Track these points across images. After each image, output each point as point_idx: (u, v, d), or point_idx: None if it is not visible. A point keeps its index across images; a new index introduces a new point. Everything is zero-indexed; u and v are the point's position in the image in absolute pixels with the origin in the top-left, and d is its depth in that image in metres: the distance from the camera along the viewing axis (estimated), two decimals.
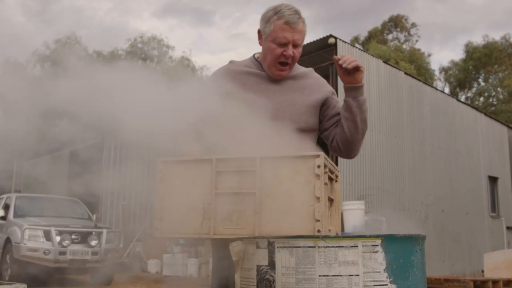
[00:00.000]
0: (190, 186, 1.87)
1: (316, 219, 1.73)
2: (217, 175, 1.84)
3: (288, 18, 2.27)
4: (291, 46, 2.31)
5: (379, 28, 40.36)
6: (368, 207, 9.31)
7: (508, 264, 9.13)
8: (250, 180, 1.81)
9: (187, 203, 1.86)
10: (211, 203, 1.83)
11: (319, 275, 1.53)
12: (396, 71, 12.79)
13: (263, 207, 1.78)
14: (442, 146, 13.67)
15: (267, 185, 1.79)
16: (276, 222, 1.76)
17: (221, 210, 1.83)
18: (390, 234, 1.58)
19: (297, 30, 2.30)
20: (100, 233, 9.91)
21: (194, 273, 12.57)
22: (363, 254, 1.53)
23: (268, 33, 2.33)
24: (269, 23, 2.32)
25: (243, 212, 1.80)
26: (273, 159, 1.81)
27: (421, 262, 1.66)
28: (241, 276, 1.68)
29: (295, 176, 1.78)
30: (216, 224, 1.82)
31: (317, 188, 1.75)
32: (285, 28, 2.28)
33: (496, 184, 16.14)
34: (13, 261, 9.37)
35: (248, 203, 1.80)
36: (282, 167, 1.80)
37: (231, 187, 1.83)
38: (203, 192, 1.85)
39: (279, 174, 1.79)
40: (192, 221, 1.85)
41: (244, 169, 1.82)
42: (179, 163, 1.92)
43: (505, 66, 36.50)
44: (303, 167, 1.78)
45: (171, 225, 1.88)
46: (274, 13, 2.31)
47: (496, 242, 14.91)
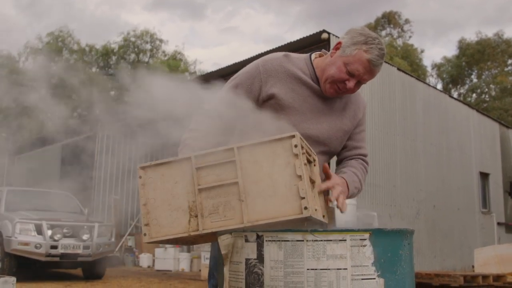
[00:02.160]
0: (172, 187, 1.87)
1: (301, 197, 1.73)
2: (197, 172, 1.84)
3: (373, 58, 2.15)
4: (356, 80, 2.20)
5: (373, 24, 40.42)
6: (360, 203, 9.34)
7: (498, 259, 9.20)
8: (231, 170, 1.81)
9: (172, 204, 1.86)
10: (195, 200, 1.83)
11: (307, 268, 1.53)
12: (388, 67, 12.82)
13: (247, 195, 1.78)
14: (434, 142, 13.73)
15: (248, 173, 1.79)
16: (263, 207, 1.76)
17: (206, 205, 1.83)
18: (378, 228, 1.59)
19: (373, 72, 2.20)
20: (91, 227, 9.89)
21: (186, 268, 12.59)
22: (351, 248, 1.54)
23: (347, 55, 2.19)
24: (354, 48, 2.17)
25: (229, 203, 1.80)
26: (251, 147, 1.81)
27: (409, 256, 1.67)
28: (229, 270, 1.69)
29: (274, 160, 1.78)
30: (203, 219, 1.82)
31: (298, 167, 1.75)
32: (365, 64, 2.16)
33: (487, 180, 16.23)
34: (4, 254, 9.34)
35: (232, 193, 1.80)
36: (260, 153, 1.80)
37: (213, 180, 1.83)
38: (187, 191, 1.85)
39: (259, 160, 1.79)
40: (179, 221, 1.84)
41: (223, 160, 1.82)
42: (159, 166, 1.91)
43: (498, 62, 36.67)
44: (280, 149, 1.78)
45: (159, 229, 1.87)
46: (364, 42, 2.17)
47: (487, 238, 15.01)
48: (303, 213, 1.71)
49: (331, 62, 2.24)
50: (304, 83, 2.26)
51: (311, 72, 2.29)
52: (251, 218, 1.76)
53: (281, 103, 2.21)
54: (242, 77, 2.29)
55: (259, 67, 2.27)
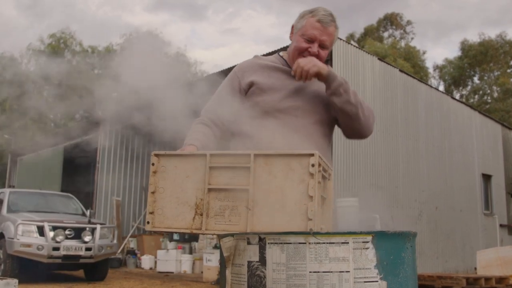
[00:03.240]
0: (183, 181, 1.85)
1: (308, 218, 1.73)
2: (210, 171, 1.83)
3: (321, 17, 2.35)
4: (317, 44, 2.36)
5: (375, 26, 40.41)
6: (362, 204, 9.33)
7: (500, 261, 9.18)
8: (243, 176, 1.80)
9: (180, 197, 1.85)
10: (203, 198, 1.83)
11: (310, 271, 1.53)
12: (391, 68, 12.81)
13: (256, 204, 1.78)
14: (436, 143, 13.71)
15: (260, 182, 1.79)
16: (269, 220, 1.76)
17: (213, 206, 1.82)
18: (381, 231, 1.58)
19: (327, 31, 2.37)
20: (93, 229, 9.90)
21: (188, 270, 12.58)
22: (354, 250, 1.53)
23: (299, 28, 2.40)
24: (302, 19, 2.40)
25: (236, 208, 1.80)
26: (268, 157, 1.81)
27: (412, 259, 1.67)
28: (232, 272, 1.69)
29: (289, 174, 1.78)
30: (208, 219, 1.81)
31: (311, 187, 1.75)
32: (316, 25, 2.35)
33: (489, 182, 16.21)
34: (6, 256, 9.35)
35: (241, 199, 1.80)
36: (276, 165, 1.79)
37: (224, 183, 1.82)
38: (196, 187, 1.84)
39: (273, 171, 1.79)
40: (184, 216, 1.84)
41: (238, 165, 1.82)
42: (173, 157, 1.90)
43: (501, 64, 36.61)
44: (297, 165, 1.78)
45: (162, 219, 1.87)
46: (310, 11, 2.40)
47: (489, 240, 14.98)
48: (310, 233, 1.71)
49: (291, 43, 2.46)
50: (278, 69, 2.46)
51: (283, 62, 2.49)
52: (254, 228, 1.77)
53: (261, 87, 2.38)
54: (224, 84, 2.51)
55: (234, 70, 2.52)
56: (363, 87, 11.32)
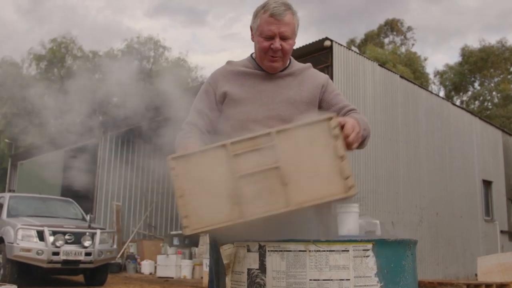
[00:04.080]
0: (209, 176, 1.82)
1: (346, 176, 1.80)
2: (235, 158, 1.81)
3: (273, 10, 2.26)
4: (278, 39, 2.29)
5: (375, 31, 40.45)
6: (363, 210, 9.31)
7: (501, 268, 9.16)
8: (270, 155, 1.81)
9: (211, 193, 1.81)
10: (235, 188, 1.80)
11: (310, 279, 1.52)
12: (391, 74, 12.81)
13: (290, 178, 1.79)
14: (437, 149, 13.70)
15: (289, 156, 1.80)
16: (307, 189, 1.79)
17: (248, 192, 1.80)
18: (381, 239, 1.58)
19: (283, 22, 2.27)
20: (93, 234, 9.88)
21: (188, 275, 12.55)
22: (354, 258, 1.53)
23: (256, 28, 2.34)
24: (256, 18, 2.33)
25: (272, 187, 1.80)
26: (290, 131, 1.83)
27: (412, 267, 1.66)
28: (232, 280, 1.68)
29: (313, 142, 1.82)
30: (246, 206, 1.79)
31: (340, 148, 1.82)
32: (270, 21, 2.27)
33: (490, 188, 16.18)
34: (6, 261, 9.33)
35: (273, 177, 1.80)
36: (299, 136, 1.82)
37: (252, 166, 1.81)
38: (225, 179, 1.80)
39: (299, 143, 1.82)
40: (220, 210, 1.80)
41: (262, 146, 1.82)
42: (192, 155, 1.86)
43: (501, 70, 36.63)
44: (319, 132, 1.83)
45: (199, 220, 1.81)
46: (261, 7, 2.32)
47: (490, 246, 14.95)
48: (350, 192, 1.80)
49: (254, 45, 2.41)
50: (250, 74, 2.39)
51: (254, 65, 2.42)
52: (297, 200, 1.78)
53: (234, 98, 2.33)
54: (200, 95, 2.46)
55: (208, 80, 2.47)
56: (364, 93, 11.32)
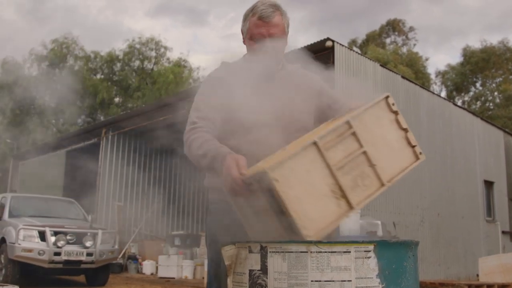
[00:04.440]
0: (307, 177, 1.78)
1: (412, 145, 1.99)
2: (327, 153, 1.80)
3: (261, 13, 2.24)
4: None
5: (377, 31, 40.46)
6: (364, 211, 9.31)
7: (503, 268, 9.15)
8: (352, 142, 1.86)
9: (314, 193, 1.78)
10: (335, 182, 1.80)
11: (311, 280, 1.52)
12: (392, 74, 12.80)
13: (375, 159, 1.88)
14: (438, 150, 13.69)
15: (367, 139, 1.88)
16: (389, 165, 1.92)
17: (345, 182, 1.82)
18: (383, 240, 1.58)
19: (272, 23, 2.25)
20: (95, 234, 9.89)
21: (189, 275, 12.56)
22: (356, 259, 1.53)
23: (246, 31, 2.32)
24: (246, 21, 2.32)
25: (363, 172, 1.87)
26: (359, 116, 1.89)
27: (413, 268, 1.66)
28: (233, 281, 1.68)
29: (380, 121, 1.94)
30: (350, 197, 1.81)
31: (401, 121, 1.99)
32: (259, 23, 2.25)
33: (491, 189, 16.16)
34: (8, 261, 9.34)
35: (362, 162, 1.87)
36: (367, 119, 1.91)
37: (342, 156, 1.83)
38: (322, 176, 1.79)
39: (369, 125, 1.90)
40: (328, 208, 1.79)
41: (345, 135, 1.85)
42: (285, 162, 1.78)
43: (503, 70, 36.61)
44: (381, 111, 1.96)
45: (313, 224, 1.76)
46: (250, 10, 2.30)
47: (491, 247, 14.93)
48: (420, 158, 2.00)
49: (246, 48, 2.39)
50: (248, 75, 2.34)
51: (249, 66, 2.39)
52: (386, 178, 1.90)
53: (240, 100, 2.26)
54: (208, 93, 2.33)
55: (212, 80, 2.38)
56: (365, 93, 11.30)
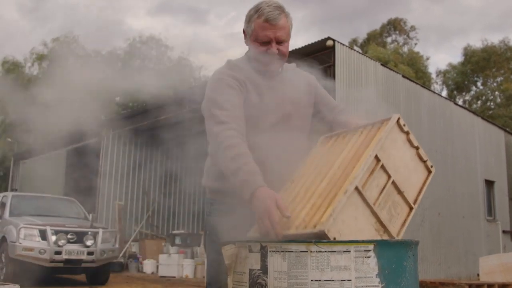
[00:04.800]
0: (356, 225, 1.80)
1: (423, 160, 2.07)
2: (365, 195, 1.82)
3: (267, 15, 2.23)
4: (274, 43, 2.26)
5: (378, 31, 40.42)
6: None
7: (503, 268, 9.14)
8: (381, 174, 1.91)
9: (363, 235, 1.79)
10: (377, 219, 1.85)
11: (311, 279, 1.52)
12: (393, 74, 12.80)
13: (400, 184, 1.95)
14: (439, 149, 13.67)
15: (390, 167, 1.93)
16: (411, 185, 2.00)
17: (385, 217, 1.87)
18: (383, 240, 1.58)
19: (278, 26, 2.25)
20: (96, 233, 9.89)
21: (190, 274, 12.56)
22: (356, 259, 1.53)
23: (250, 33, 2.30)
24: (250, 23, 2.29)
25: (394, 201, 1.93)
26: (382, 144, 1.92)
27: (413, 268, 1.66)
28: (233, 280, 1.68)
29: (396, 144, 1.99)
30: (390, 229, 1.87)
31: (413, 140, 2.04)
32: (265, 26, 2.24)
33: (492, 188, 16.15)
34: (9, 260, 9.35)
35: (391, 192, 1.93)
36: (387, 145, 1.95)
37: (377, 192, 1.88)
38: (366, 217, 1.83)
39: (387, 151, 1.94)
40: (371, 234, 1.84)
41: (376, 169, 1.88)
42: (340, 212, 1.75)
43: (504, 70, 36.56)
44: (396, 135, 2.01)
45: None
46: (255, 11, 2.28)
47: (492, 246, 14.92)
48: (432, 171, 2.09)
49: (249, 49, 2.38)
50: (252, 75, 2.34)
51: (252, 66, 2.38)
52: (412, 199, 1.99)
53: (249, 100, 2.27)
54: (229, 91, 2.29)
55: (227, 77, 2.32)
56: (366, 93, 11.30)
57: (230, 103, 2.20)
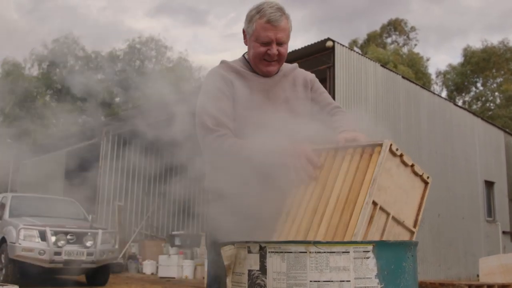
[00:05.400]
0: None
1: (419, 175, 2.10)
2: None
3: (269, 16, 2.24)
4: (274, 44, 2.28)
5: (378, 32, 40.43)
6: None
7: (503, 269, 9.14)
8: (382, 214, 1.87)
9: None
10: None
11: (310, 280, 1.52)
12: (393, 75, 12.81)
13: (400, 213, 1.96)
14: (439, 150, 13.69)
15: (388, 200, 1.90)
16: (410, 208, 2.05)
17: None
18: (382, 240, 1.58)
19: (280, 28, 2.27)
20: (95, 234, 9.89)
21: (190, 275, 12.56)
22: (355, 260, 1.53)
23: (251, 33, 2.31)
24: (251, 23, 2.30)
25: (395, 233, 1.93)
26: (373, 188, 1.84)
27: (413, 268, 1.66)
28: (232, 281, 1.68)
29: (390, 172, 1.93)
30: None
31: (407, 160, 2.01)
32: (267, 27, 2.25)
33: (492, 189, 16.16)
34: (8, 260, 9.35)
35: (392, 226, 1.92)
36: (382, 179, 1.88)
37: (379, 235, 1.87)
38: None
39: (384, 184, 1.89)
40: None
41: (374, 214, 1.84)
42: None
43: (504, 71, 36.58)
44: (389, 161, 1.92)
45: None
46: (256, 12, 2.29)
47: (492, 247, 14.93)
48: (429, 181, 2.15)
49: (248, 49, 2.38)
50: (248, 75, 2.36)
51: (249, 67, 2.40)
52: (412, 222, 2.03)
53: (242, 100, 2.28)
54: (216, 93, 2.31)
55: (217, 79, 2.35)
56: (366, 94, 11.32)
57: (219, 109, 2.23)
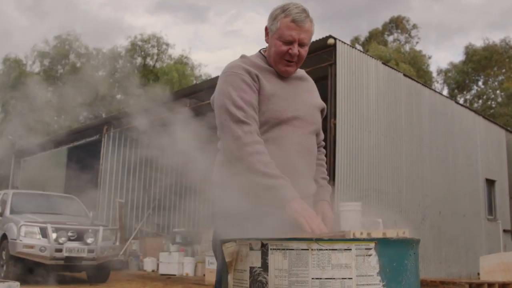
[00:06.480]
0: None
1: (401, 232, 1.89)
2: None
3: (295, 16, 2.25)
4: (296, 44, 2.28)
5: (380, 29, 40.36)
6: (365, 209, 9.28)
7: (504, 267, 9.13)
8: None
9: None
10: None
11: (312, 277, 1.52)
12: (395, 72, 12.78)
13: None
14: (440, 148, 13.67)
15: None
16: None
17: None
18: (384, 238, 1.58)
19: (304, 29, 2.27)
20: (96, 231, 9.90)
21: (190, 272, 12.57)
22: (357, 257, 1.52)
23: (275, 31, 2.30)
24: (276, 21, 2.29)
25: None
26: None
27: (414, 266, 1.66)
28: (234, 278, 1.68)
29: None
30: None
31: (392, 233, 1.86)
32: (291, 26, 2.25)
33: (493, 187, 16.14)
34: (9, 257, 9.36)
35: None
36: None
37: None
38: None
39: None
40: None
41: None
42: None
43: (505, 69, 36.52)
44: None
45: None
46: (281, 11, 2.28)
47: (493, 245, 14.91)
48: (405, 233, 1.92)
49: (269, 47, 2.36)
50: (269, 71, 2.35)
51: (268, 64, 2.38)
52: None
53: (266, 93, 2.27)
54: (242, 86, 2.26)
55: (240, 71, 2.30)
56: (367, 91, 11.30)
57: (246, 101, 2.20)
